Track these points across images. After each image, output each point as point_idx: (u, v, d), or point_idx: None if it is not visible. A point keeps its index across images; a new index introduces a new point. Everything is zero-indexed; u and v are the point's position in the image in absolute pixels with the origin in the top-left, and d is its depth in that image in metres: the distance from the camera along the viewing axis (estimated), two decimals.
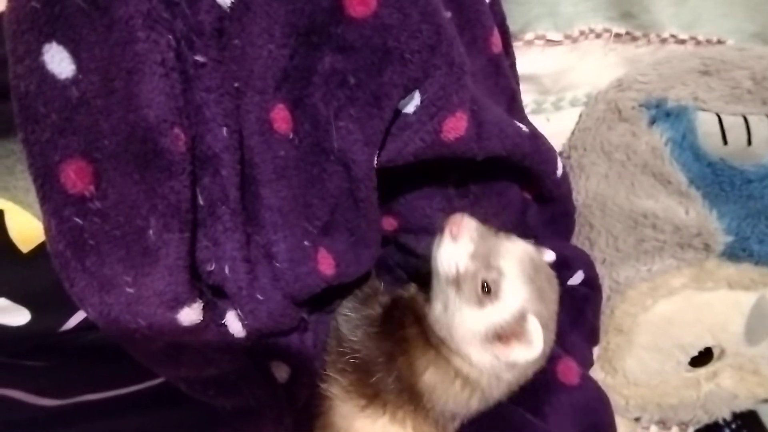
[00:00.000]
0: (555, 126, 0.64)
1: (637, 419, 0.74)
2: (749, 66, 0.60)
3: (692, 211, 0.61)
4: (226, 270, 0.35)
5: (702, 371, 0.71)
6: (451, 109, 0.40)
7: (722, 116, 0.60)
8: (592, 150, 0.62)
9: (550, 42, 0.60)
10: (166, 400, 0.41)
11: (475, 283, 0.41)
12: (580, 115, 0.65)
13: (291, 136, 0.39)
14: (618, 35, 0.63)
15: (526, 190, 0.52)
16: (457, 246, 0.42)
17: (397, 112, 0.41)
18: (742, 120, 0.60)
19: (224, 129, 0.34)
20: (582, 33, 0.61)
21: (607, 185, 0.62)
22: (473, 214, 0.49)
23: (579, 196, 0.63)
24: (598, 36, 0.62)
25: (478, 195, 0.49)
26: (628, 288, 0.65)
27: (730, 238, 0.62)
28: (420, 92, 0.40)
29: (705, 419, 0.74)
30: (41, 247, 0.35)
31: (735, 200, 0.61)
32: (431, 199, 0.48)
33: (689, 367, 0.70)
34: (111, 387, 0.40)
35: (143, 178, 0.32)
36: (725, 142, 0.60)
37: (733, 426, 0.74)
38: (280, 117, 0.38)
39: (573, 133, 0.65)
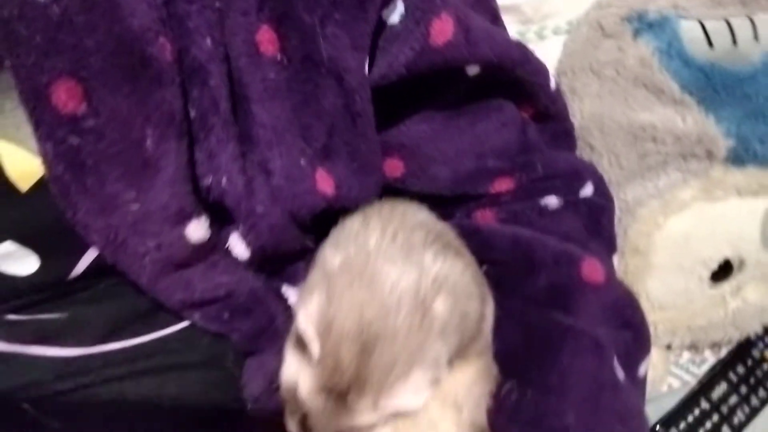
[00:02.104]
0: (540, 56, 0.64)
1: (668, 347, 0.73)
2: None
3: (689, 119, 0.61)
4: (224, 182, 0.35)
5: (726, 287, 0.70)
6: (435, 11, 0.40)
7: (704, 22, 0.61)
8: (581, 71, 0.62)
9: None
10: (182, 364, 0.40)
11: None
12: (565, 43, 0.65)
13: (279, 56, 0.38)
14: None
15: (523, 109, 0.52)
16: None
17: (383, 26, 0.41)
18: (724, 23, 0.60)
19: (208, 39, 0.34)
20: None
21: (601, 104, 0.62)
22: (474, 131, 0.49)
23: (575, 120, 0.62)
24: None
25: (475, 113, 0.49)
26: (638, 207, 0.64)
27: (731, 142, 0.62)
28: (402, 0, 0.40)
29: (736, 336, 0.72)
30: (40, 183, 0.35)
31: (730, 102, 0.61)
32: (431, 122, 0.47)
33: (712, 283, 0.69)
34: (133, 335, 0.39)
35: (134, 90, 0.31)
36: (711, 45, 0.60)
37: (766, 340, 0.73)
38: (266, 39, 0.38)
39: (559, 60, 0.65)
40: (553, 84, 0.52)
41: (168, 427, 0.38)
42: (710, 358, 0.75)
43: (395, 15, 0.40)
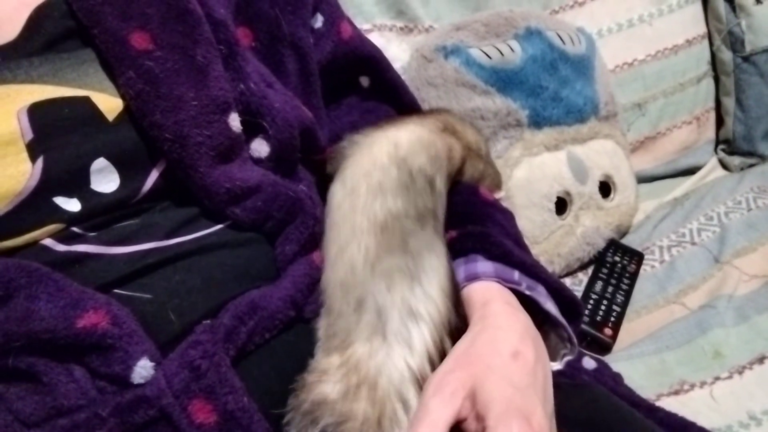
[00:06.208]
0: None
1: None
2: (479, 19, 0.97)
3: (497, 101, 0.92)
4: (252, 86, 0.51)
5: (569, 219, 0.97)
6: (341, 16, 0.65)
7: (481, 47, 0.95)
8: (422, 86, 0.91)
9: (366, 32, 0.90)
10: (231, 243, 0.51)
11: None
12: (405, 70, 0.95)
13: (253, 44, 0.58)
14: (401, 29, 0.97)
15: (399, 109, 0.75)
16: None
17: (312, 30, 0.63)
18: (492, 47, 0.96)
19: (222, 9, 0.52)
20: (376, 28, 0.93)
21: (441, 102, 0.90)
22: (373, 118, 0.71)
23: None
24: (391, 30, 0.95)
25: (372, 110, 0.71)
26: None
27: (527, 112, 0.94)
28: (320, 13, 0.64)
29: (592, 251, 0.98)
30: (122, 115, 0.47)
31: (515, 87, 0.93)
32: (350, 115, 0.69)
33: (558, 217, 0.95)
34: (187, 232, 0.49)
35: (183, 28, 0.47)
36: (490, 57, 0.94)
37: (610, 250, 0.99)
38: (242, 35, 0.57)
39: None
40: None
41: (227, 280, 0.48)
42: (584, 279, 0.99)
43: (318, 22, 0.64)
